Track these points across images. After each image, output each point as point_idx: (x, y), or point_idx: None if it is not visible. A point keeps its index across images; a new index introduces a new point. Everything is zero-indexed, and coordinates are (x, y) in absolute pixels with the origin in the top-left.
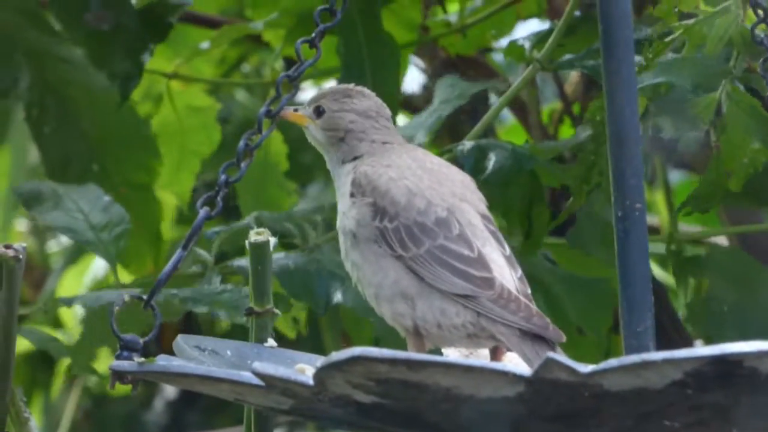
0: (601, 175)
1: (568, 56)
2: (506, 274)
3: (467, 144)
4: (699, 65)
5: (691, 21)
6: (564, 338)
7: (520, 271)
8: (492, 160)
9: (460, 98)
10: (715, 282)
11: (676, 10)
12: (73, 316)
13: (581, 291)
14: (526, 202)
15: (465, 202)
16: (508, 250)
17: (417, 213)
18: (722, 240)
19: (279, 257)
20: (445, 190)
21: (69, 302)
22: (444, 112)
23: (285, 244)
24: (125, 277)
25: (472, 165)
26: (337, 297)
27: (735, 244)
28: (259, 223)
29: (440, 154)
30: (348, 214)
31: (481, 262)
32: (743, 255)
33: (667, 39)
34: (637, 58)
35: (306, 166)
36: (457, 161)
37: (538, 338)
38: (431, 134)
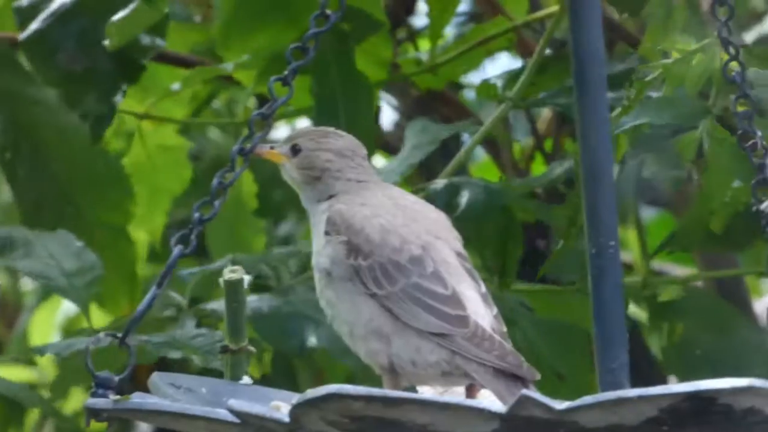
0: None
1: (541, 94)
2: (481, 311)
3: (440, 182)
4: (678, 104)
5: (670, 60)
6: (538, 376)
7: (495, 309)
8: (465, 197)
9: (431, 143)
10: (690, 326)
11: (659, 48)
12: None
13: (558, 335)
14: (500, 238)
15: (439, 239)
16: (483, 288)
17: (391, 251)
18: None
19: (252, 300)
20: (420, 228)
21: (41, 351)
22: (415, 158)
23: (259, 286)
24: (99, 318)
25: (445, 202)
26: (311, 340)
27: (710, 287)
28: (235, 264)
29: (413, 192)
30: (322, 252)
31: (455, 300)
32: (718, 299)
33: (647, 79)
34: (611, 95)
35: (277, 204)
36: (430, 199)
37: (513, 377)
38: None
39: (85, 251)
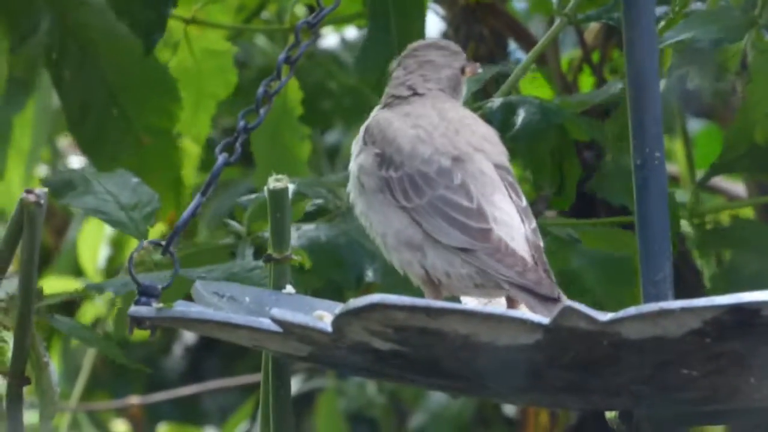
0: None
1: (593, 11)
2: (516, 223)
3: (496, 101)
4: (724, 17)
5: None
6: (557, 293)
7: (534, 223)
8: (520, 116)
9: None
10: (738, 251)
11: None
12: (94, 263)
13: (605, 267)
14: (556, 157)
15: (480, 152)
16: (524, 202)
17: (421, 162)
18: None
19: (309, 229)
20: (460, 139)
21: (99, 288)
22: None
23: (317, 210)
24: (152, 234)
25: (501, 121)
26: (368, 274)
27: (757, 215)
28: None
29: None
30: (356, 161)
31: (479, 212)
32: (765, 226)
33: None
34: (659, 9)
35: (324, 112)
36: (485, 118)
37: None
38: None
39: (142, 186)
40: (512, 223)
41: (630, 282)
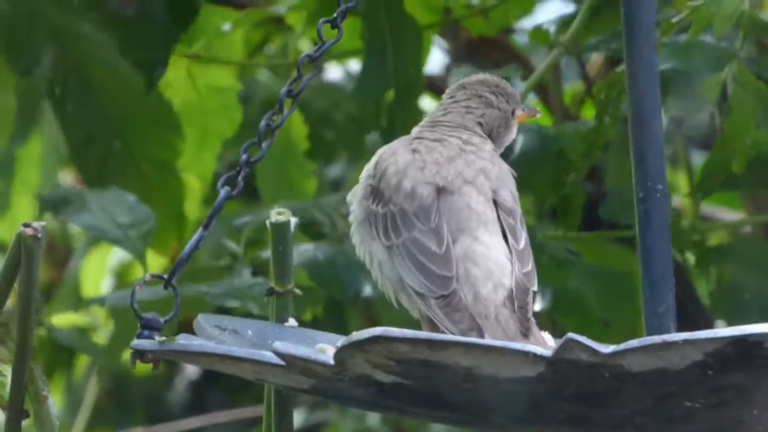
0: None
1: (592, 39)
2: (498, 265)
3: None
4: (704, 48)
5: (699, 1)
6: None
7: (530, 266)
8: (519, 143)
9: None
10: (738, 270)
11: None
12: (97, 294)
13: (605, 283)
14: (555, 184)
15: (470, 185)
16: (522, 245)
17: (404, 197)
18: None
19: (307, 249)
20: (450, 169)
21: (98, 302)
22: None
23: (313, 232)
24: (155, 265)
25: None
26: (366, 290)
27: (757, 232)
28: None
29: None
30: (355, 191)
31: (446, 259)
32: (765, 243)
33: (674, 20)
34: None
35: (328, 144)
36: None
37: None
38: None
39: (138, 205)
40: (491, 265)
41: (630, 298)
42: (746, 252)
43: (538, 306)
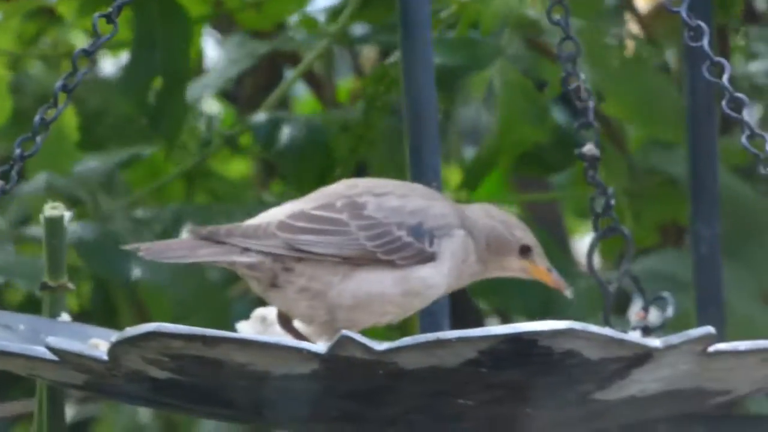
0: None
1: (362, 30)
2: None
3: (261, 115)
4: (471, 44)
5: None
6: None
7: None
8: (287, 134)
9: (249, 57)
10: None
11: None
12: None
13: None
14: (320, 175)
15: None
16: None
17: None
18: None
19: (76, 228)
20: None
21: None
22: (232, 72)
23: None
24: None
25: (266, 136)
26: (135, 272)
27: (526, 213)
28: (50, 187)
29: (233, 126)
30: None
31: None
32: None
33: (442, 16)
34: None
35: (100, 137)
36: (252, 133)
37: None
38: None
39: None
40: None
41: None
42: None
43: None
